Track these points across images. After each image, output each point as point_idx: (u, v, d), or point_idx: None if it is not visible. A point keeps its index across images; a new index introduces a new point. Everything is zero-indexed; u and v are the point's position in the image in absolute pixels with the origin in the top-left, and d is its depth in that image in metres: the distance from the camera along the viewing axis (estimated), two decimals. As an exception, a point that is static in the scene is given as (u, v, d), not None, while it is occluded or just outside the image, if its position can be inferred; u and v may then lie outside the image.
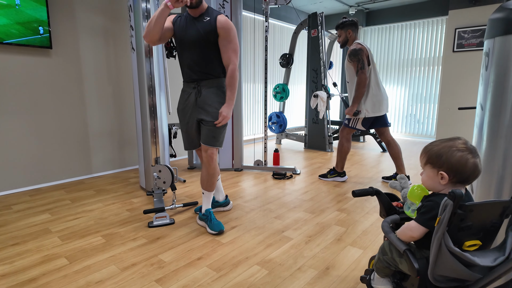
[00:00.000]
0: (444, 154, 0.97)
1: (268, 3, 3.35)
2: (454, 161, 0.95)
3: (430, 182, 1.03)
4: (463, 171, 0.95)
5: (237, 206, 2.49)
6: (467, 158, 0.94)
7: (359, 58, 2.77)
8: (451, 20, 5.10)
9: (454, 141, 0.99)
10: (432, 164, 1.01)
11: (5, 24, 2.58)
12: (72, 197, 2.69)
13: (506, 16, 1.33)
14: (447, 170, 0.96)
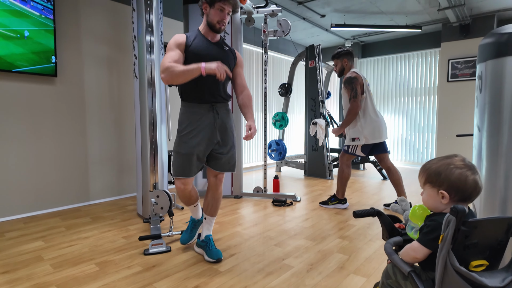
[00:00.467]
0: (443, 172, 0.96)
1: (267, 35, 3.49)
2: (453, 179, 0.94)
3: (431, 201, 1.00)
4: (464, 189, 0.93)
5: (236, 233, 2.42)
6: (467, 175, 0.93)
7: (352, 87, 2.85)
8: (444, 51, 5.29)
9: (452, 158, 0.98)
10: (431, 183, 0.99)
11: (14, 54, 2.67)
12: (67, 224, 2.62)
13: (496, 41, 1.38)
14: (448, 189, 0.95)
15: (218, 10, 1.81)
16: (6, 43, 2.63)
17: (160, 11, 2.73)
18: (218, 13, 1.81)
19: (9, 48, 2.64)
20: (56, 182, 3.05)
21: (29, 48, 2.75)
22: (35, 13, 2.77)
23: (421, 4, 4.40)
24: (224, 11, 1.82)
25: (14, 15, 2.66)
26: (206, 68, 1.63)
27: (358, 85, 2.85)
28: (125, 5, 3.52)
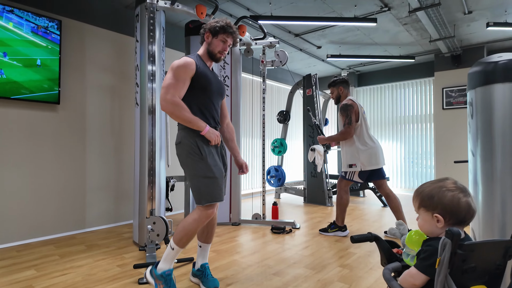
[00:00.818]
0: (436, 195, 0.97)
1: (265, 65, 3.61)
2: (446, 202, 0.94)
3: (427, 226, 1.00)
4: (458, 211, 0.94)
5: (233, 262, 2.37)
6: (459, 197, 0.94)
7: (347, 114, 2.92)
8: (438, 80, 5.44)
9: (444, 181, 0.99)
10: (425, 207, 0.99)
11: (17, 81, 2.75)
12: (61, 252, 2.56)
13: (483, 69, 1.45)
14: (442, 212, 0.95)
15: (220, 41, 1.85)
16: (14, 71, 2.71)
17: (162, 42, 2.85)
18: (221, 44, 1.86)
19: (18, 75, 2.73)
20: (52, 209, 3.02)
21: (34, 76, 2.84)
22: (42, 44, 2.88)
23: (413, 36, 4.60)
24: (226, 43, 1.87)
25: (23, 44, 2.77)
26: (208, 132, 1.72)
27: (353, 112, 2.92)
28: (129, 36, 3.67)
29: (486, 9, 3.70)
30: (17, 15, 2.73)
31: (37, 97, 2.87)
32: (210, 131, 1.73)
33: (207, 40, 1.89)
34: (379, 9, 3.68)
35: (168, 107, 1.67)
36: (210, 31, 1.87)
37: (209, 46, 1.88)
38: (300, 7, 3.66)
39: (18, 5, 2.83)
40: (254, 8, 3.69)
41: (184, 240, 1.73)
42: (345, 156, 3.03)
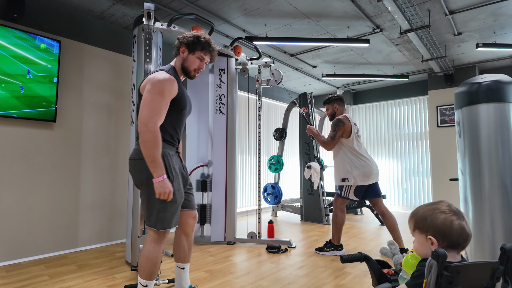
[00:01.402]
0: (428, 217, 0.97)
1: (260, 84, 3.68)
2: (439, 224, 0.95)
3: (422, 248, 1.00)
4: (450, 234, 0.94)
5: (226, 282, 2.32)
6: (452, 220, 0.94)
7: (335, 129, 2.99)
8: (432, 99, 5.53)
9: (438, 204, 1.00)
10: (419, 229, 1.00)
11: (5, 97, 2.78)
12: (51, 272, 2.51)
13: (468, 90, 1.48)
14: (434, 234, 0.95)
15: (197, 59, 1.73)
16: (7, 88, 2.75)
17: (159, 62, 2.91)
18: (197, 61, 1.74)
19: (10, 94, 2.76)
20: (44, 228, 2.98)
21: (30, 95, 2.87)
22: (41, 63, 2.94)
23: (405, 56, 4.71)
24: (203, 61, 1.75)
25: (19, 60, 2.82)
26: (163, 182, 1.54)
27: (341, 129, 2.96)
28: (127, 56, 3.75)
29: (475, 31, 3.82)
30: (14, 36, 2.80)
31: (33, 114, 2.89)
32: (165, 182, 1.54)
33: (183, 55, 1.74)
34: (371, 30, 3.79)
35: (147, 136, 1.51)
36: (186, 46, 1.72)
37: (184, 62, 1.74)
38: (294, 28, 3.76)
39: (18, 26, 2.90)
40: (250, 29, 3.79)
41: (152, 271, 1.60)
42: (338, 170, 3.04)
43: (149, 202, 1.60)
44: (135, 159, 1.63)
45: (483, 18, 3.48)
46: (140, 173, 1.61)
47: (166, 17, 3.41)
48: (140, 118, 1.54)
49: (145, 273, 1.59)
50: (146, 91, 1.57)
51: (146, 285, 1.58)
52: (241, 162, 5.58)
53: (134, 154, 1.65)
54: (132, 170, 1.65)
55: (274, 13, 3.40)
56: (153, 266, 1.60)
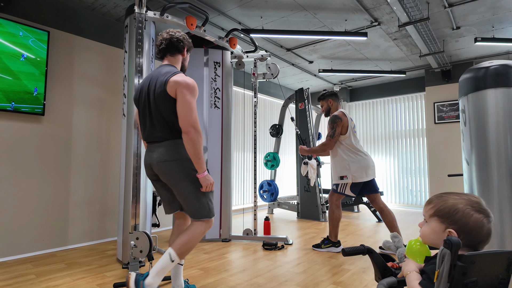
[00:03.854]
0: (460, 211, 0.86)
1: (256, 78, 3.60)
2: (470, 223, 0.85)
3: (433, 236, 0.90)
4: (477, 236, 0.85)
5: (221, 280, 2.24)
6: (484, 223, 0.85)
7: (333, 126, 2.91)
8: (429, 95, 5.49)
9: (469, 197, 0.89)
10: (441, 218, 0.89)
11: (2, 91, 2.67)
12: (38, 271, 2.41)
13: (474, 75, 1.41)
14: (459, 230, 0.86)
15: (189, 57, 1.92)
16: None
17: (152, 54, 2.82)
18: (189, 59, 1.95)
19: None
20: (32, 226, 2.87)
21: (17, 88, 2.76)
22: (30, 56, 2.83)
23: (403, 52, 4.66)
24: None
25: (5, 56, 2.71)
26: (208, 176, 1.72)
27: (339, 125, 2.89)
28: (119, 49, 3.64)
29: (474, 25, 3.78)
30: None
31: (20, 108, 2.78)
32: (208, 175, 1.73)
33: (184, 55, 1.89)
34: (369, 23, 3.73)
35: (195, 136, 1.65)
36: (188, 46, 1.88)
37: (185, 61, 1.89)
38: (291, 21, 3.69)
39: (5, 15, 2.78)
40: (245, 22, 3.70)
41: (187, 253, 1.71)
42: (336, 168, 2.97)
43: (197, 196, 1.72)
44: (173, 159, 1.70)
45: (482, 11, 3.44)
46: (178, 172, 1.70)
47: (160, 8, 3.32)
48: (185, 120, 1.65)
49: (184, 253, 1.69)
50: (184, 95, 1.67)
51: (173, 260, 1.66)
52: (236, 159, 5.50)
53: (169, 155, 1.70)
54: (169, 171, 1.70)
55: (271, 5, 3.32)
56: (190, 249, 1.72)
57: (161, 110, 1.70)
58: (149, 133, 1.76)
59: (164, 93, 1.69)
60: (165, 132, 1.72)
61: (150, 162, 1.76)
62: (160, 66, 1.85)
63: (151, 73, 1.83)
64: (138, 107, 1.85)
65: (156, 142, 1.75)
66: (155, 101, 1.72)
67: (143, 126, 1.81)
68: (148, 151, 1.79)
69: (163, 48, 1.84)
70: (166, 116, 1.70)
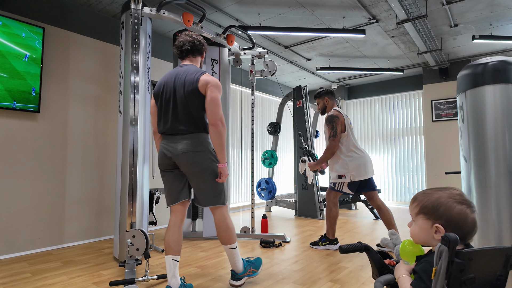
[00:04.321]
0: (443, 205, 0.87)
1: (254, 75, 3.58)
2: (454, 215, 0.85)
3: (422, 235, 0.91)
4: (463, 227, 0.85)
5: (218, 278, 2.23)
6: (467, 213, 0.85)
7: (333, 125, 2.88)
8: (426, 93, 5.50)
9: (450, 191, 0.90)
10: (426, 215, 0.90)
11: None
12: (34, 269, 2.39)
13: (473, 72, 1.40)
14: (445, 224, 0.86)
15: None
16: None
17: (148, 50, 2.79)
18: None
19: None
20: (27, 224, 2.85)
21: (13, 85, 2.73)
22: (24, 52, 2.80)
23: (401, 49, 4.65)
24: None
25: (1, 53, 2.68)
26: (227, 166, 1.95)
27: (338, 124, 2.87)
28: (116, 45, 3.61)
29: (471, 23, 3.77)
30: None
31: (16, 105, 2.75)
32: (227, 167, 1.95)
33: (203, 57, 2.10)
34: (367, 21, 3.71)
35: (222, 129, 1.86)
36: (206, 49, 2.09)
37: (202, 62, 2.10)
38: (289, 18, 3.67)
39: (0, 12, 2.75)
40: (243, 18, 3.68)
41: (235, 235, 1.99)
42: (334, 166, 2.96)
43: (216, 185, 1.92)
44: (199, 151, 1.87)
45: (480, 9, 3.43)
46: (203, 162, 1.88)
47: (156, 4, 3.29)
48: (214, 114, 1.85)
49: (234, 238, 1.97)
50: (213, 92, 1.86)
51: (235, 247, 1.97)
52: (234, 157, 5.48)
53: (194, 147, 1.87)
54: (194, 161, 1.86)
55: (268, 2, 3.29)
56: (233, 232, 1.98)
57: (190, 106, 1.86)
58: (172, 126, 1.89)
59: (196, 90, 1.85)
60: (191, 126, 1.87)
61: (172, 152, 1.87)
62: (183, 65, 2.00)
63: (175, 71, 1.97)
64: (157, 101, 1.98)
65: (180, 135, 1.88)
66: (185, 97, 1.86)
67: (164, 119, 1.93)
68: (169, 143, 1.90)
69: (186, 49, 2.00)
70: (194, 111, 1.87)
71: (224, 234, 1.94)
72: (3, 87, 2.68)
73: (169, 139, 1.91)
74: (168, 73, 2.00)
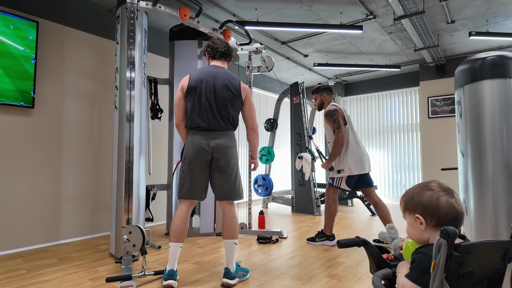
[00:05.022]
0: (415, 195, 0.92)
1: (251, 71, 3.56)
2: (425, 200, 0.89)
3: (412, 230, 0.94)
4: (437, 210, 0.87)
5: (216, 274, 2.23)
6: (439, 196, 0.88)
7: (334, 118, 2.85)
8: (423, 90, 5.51)
9: (427, 182, 0.94)
10: (409, 210, 0.94)
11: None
12: (29, 266, 2.37)
13: (471, 66, 1.40)
14: (422, 212, 0.89)
15: None
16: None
17: (144, 45, 2.76)
18: None
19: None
20: (22, 221, 2.82)
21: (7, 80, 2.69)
22: (18, 47, 2.75)
23: (398, 46, 4.65)
24: None
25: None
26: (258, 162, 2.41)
27: (339, 116, 2.86)
28: (111, 40, 3.57)
29: (468, 19, 3.78)
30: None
31: (9, 100, 2.71)
32: None
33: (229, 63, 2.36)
34: (365, 17, 3.70)
35: (258, 132, 2.20)
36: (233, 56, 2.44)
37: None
38: (286, 14, 3.64)
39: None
40: (240, 14, 3.65)
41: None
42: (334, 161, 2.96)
43: (239, 180, 2.12)
44: (233, 146, 2.09)
45: (476, 5, 3.43)
46: (235, 157, 2.09)
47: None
48: (253, 119, 2.17)
49: (237, 233, 2.07)
50: (250, 100, 2.16)
51: (236, 243, 2.07)
52: (231, 154, 5.47)
53: (231, 142, 2.08)
54: (232, 155, 2.06)
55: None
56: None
57: (230, 107, 2.06)
58: (212, 122, 2.02)
59: (239, 95, 2.08)
60: (228, 124, 2.07)
61: (214, 147, 2.00)
62: (218, 66, 2.13)
63: (214, 70, 2.09)
64: (193, 95, 2.04)
65: (219, 131, 2.04)
66: (228, 99, 2.05)
67: (203, 115, 2.02)
68: (208, 138, 2.01)
69: (224, 52, 2.17)
70: (233, 112, 2.07)
71: (233, 228, 2.05)
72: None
73: (207, 134, 2.03)
74: (203, 70, 2.08)
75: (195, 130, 2.04)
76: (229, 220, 2.05)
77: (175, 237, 1.96)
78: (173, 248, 1.96)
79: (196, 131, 2.03)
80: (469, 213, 1.41)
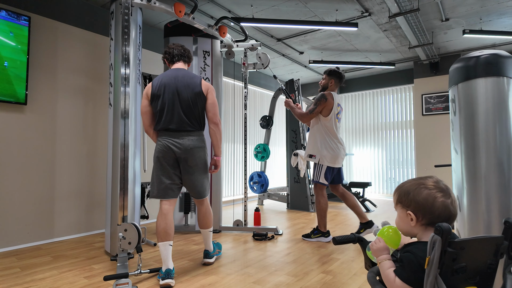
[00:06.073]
0: (412, 191, 0.91)
1: (247, 68, 3.55)
2: (421, 199, 0.88)
3: (402, 224, 0.95)
4: (431, 211, 0.87)
5: (212, 270, 2.23)
6: (435, 197, 0.87)
7: (316, 103, 2.92)
8: (417, 87, 5.55)
9: (425, 179, 0.93)
10: (402, 204, 0.94)
11: (-20, 80, 2.56)
12: (23, 264, 2.35)
13: (465, 64, 1.42)
14: (415, 210, 0.89)
15: None
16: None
17: (139, 41, 2.74)
18: None
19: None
20: (16, 218, 2.79)
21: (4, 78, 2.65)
22: (10, 43, 2.71)
23: (393, 43, 4.67)
24: None
25: None
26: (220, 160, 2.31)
27: (321, 105, 2.90)
28: (105, 36, 3.53)
29: (462, 17, 3.81)
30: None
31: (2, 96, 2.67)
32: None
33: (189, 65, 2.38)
34: (360, 14, 3.71)
35: (220, 127, 2.19)
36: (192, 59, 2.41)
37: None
38: (282, 10, 3.64)
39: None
40: (235, 10, 3.64)
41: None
42: (308, 145, 3.05)
43: (207, 178, 2.22)
44: (201, 146, 2.14)
45: (470, 3, 3.46)
46: (203, 157, 2.15)
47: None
48: (215, 114, 2.16)
49: (211, 222, 2.31)
50: (213, 95, 2.18)
51: (211, 230, 2.33)
52: (226, 151, 5.47)
53: (199, 143, 2.13)
54: (199, 156, 2.12)
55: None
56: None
57: (193, 106, 2.09)
58: (178, 123, 2.07)
59: (200, 93, 2.11)
60: (195, 124, 2.12)
61: (180, 148, 2.06)
62: (179, 69, 2.17)
63: (173, 73, 2.13)
64: (156, 101, 2.09)
65: (185, 131, 2.09)
66: (190, 99, 2.08)
67: (168, 117, 2.07)
68: (175, 138, 2.07)
69: (180, 54, 2.22)
70: (197, 111, 2.12)
71: (208, 219, 2.28)
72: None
73: (173, 135, 2.08)
74: (164, 76, 2.13)
75: (162, 132, 2.11)
76: (202, 214, 2.28)
77: (161, 237, 2.01)
78: (163, 248, 2.00)
79: (163, 133, 2.11)
80: (462, 210, 1.43)
